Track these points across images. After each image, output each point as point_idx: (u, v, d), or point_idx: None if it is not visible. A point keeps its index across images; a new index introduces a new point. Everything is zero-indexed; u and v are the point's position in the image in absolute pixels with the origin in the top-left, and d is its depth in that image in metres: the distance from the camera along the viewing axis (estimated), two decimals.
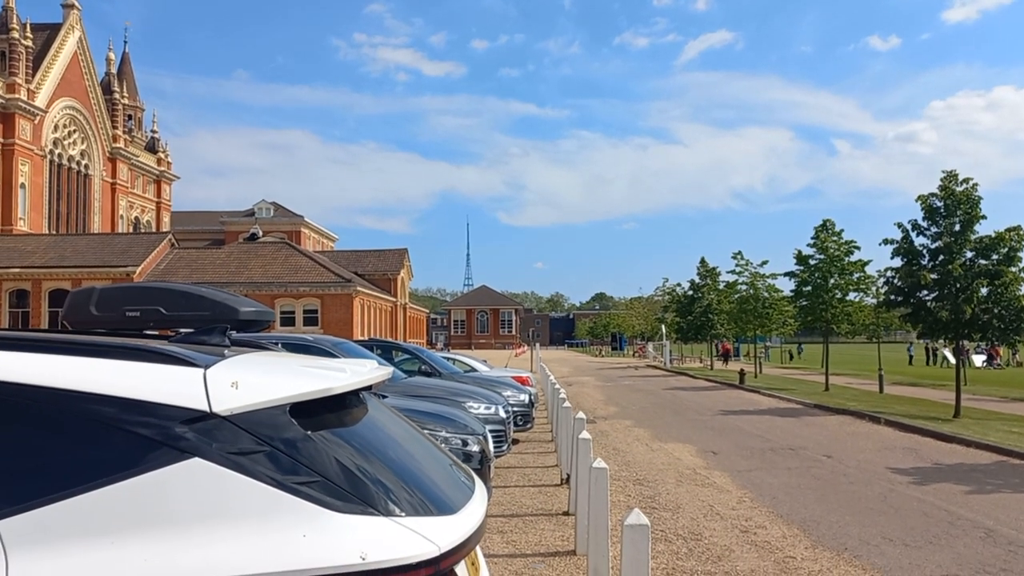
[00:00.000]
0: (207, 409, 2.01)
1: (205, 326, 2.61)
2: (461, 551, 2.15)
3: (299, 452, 2.03)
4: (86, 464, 1.95)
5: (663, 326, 60.06)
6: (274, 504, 1.95)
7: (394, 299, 67.69)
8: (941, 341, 27.37)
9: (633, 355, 79.49)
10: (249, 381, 2.11)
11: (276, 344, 3.33)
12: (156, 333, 2.83)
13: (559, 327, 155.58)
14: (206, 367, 2.11)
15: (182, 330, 2.73)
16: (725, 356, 50.53)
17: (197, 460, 1.95)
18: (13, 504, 1.89)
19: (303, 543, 1.91)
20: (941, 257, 17.69)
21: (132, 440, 1.97)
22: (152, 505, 1.92)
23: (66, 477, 1.92)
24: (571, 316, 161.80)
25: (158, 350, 2.17)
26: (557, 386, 15.25)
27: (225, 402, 2.03)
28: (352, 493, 2.02)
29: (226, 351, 2.37)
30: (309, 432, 2.09)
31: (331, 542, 1.93)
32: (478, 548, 2.52)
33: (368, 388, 2.60)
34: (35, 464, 1.96)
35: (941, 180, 17.99)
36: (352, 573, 1.91)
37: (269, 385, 2.12)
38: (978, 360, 44.64)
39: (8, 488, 1.92)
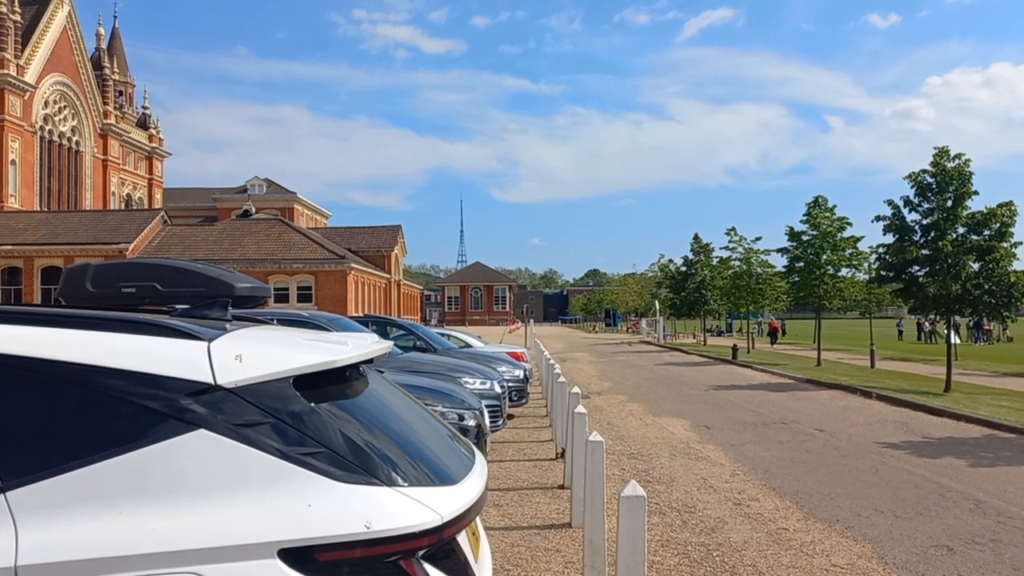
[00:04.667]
0: (211, 381, 2.04)
1: (201, 302, 2.62)
2: (463, 520, 2.19)
3: (303, 424, 2.06)
4: (94, 436, 1.97)
5: (657, 302, 60.18)
6: (279, 474, 1.98)
7: (388, 275, 67.60)
8: (931, 317, 27.53)
9: (627, 331, 79.73)
10: (253, 354, 2.13)
11: (272, 320, 3.35)
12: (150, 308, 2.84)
13: (553, 303, 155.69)
14: (210, 340, 2.14)
15: (178, 306, 2.74)
16: (773, 334, 46.28)
17: (203, 432, 1.98)
18: (22, 475, 1.92)
19: (308, 512, 1.95)
20: (932, 233, 17.74)
21: (138, 412, 2.00)
22: (159, 476, 1.95)
23: (74, 449, 1.95)
24: (565, 292, 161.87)
25: (162, 323, 2.19)
26: (552, 361, 15.32)
27: (229, 374, 2.06)
28: (356, 464, 2.05)
29: (228, 325, 2.39)
30: (313, 404, 2.12)
31: (336, 511, 1.96)
32: (478, 519, 2.56)
33: (369, 361, 2.63)
34: (43, 436, 1.99)
35: (933, 156, 17.98)
36: (357, 542, 1.95)
37: (273, 358, 2.15)
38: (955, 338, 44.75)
39: (17, 459, 1.94)
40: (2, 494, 1.90)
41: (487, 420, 8.28)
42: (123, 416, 2.00)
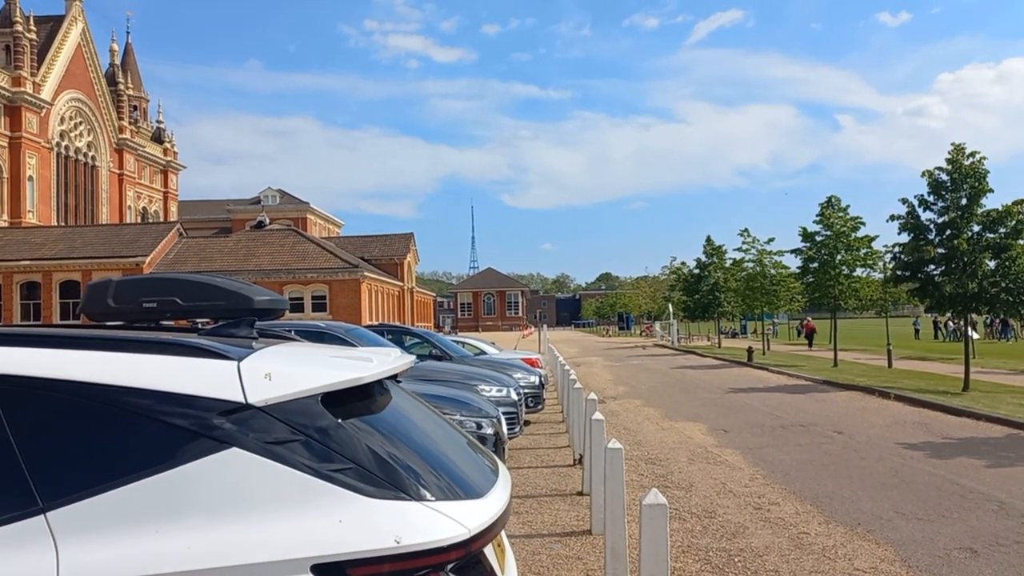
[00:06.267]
0: (243, 400, 2.08)
1: (220, 316, 2.66)
2: (489, 534, 2.21)
3: (332, 440, 2.10)
4: (129, 456, 2.02)
5: (670, 305, 60.05)
6: (310, 491, 2.02)
7: (401, 283, 67.79)
8: (952, 317, 27.36)
9: (640, 334, 79.54)
10: (282, 372, 2.17)
11: (289, 331, 3.41)
12: (173, 324, 2.88)
13: (566, 308, 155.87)
14: (239, 359, 2.18)
15: (199, 320, 2.78)
16: (810, 336, 44.46)
17: (235, 450, 2.02)
18: (62, 496, 1.97)
19: (339, 528, 1.98)
20: (948, 231, 17.66)
21: (173, 432, 2.04)
22: (194, 494, 1.99)
23: (111, 469, 2.00)
24: (577, 297, 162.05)
25: (193, 343, 2.24)
26: (567, 367, 15.32)
27: (260, 393, 2.10)
28: (384, 479, 2.08)
29: (254, 343, 2.43)
30: (340, 420, 2.16)
31: (366, 527, 2.00)
32: (503, 531, 2.59)
33: (393, 376, 2.67)
34: (82, 457, 2.04)
35: (949, 153, 17.89)
36: (387, 556, 1.98)
37: (301, 376, 2.19)
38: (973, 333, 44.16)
39: (57, 481, 1.99)
40: (42, 515, 1.95)
41: (504, 427, 8.30)
42: (157, 436, 2.04)
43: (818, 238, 26.58)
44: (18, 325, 3.35)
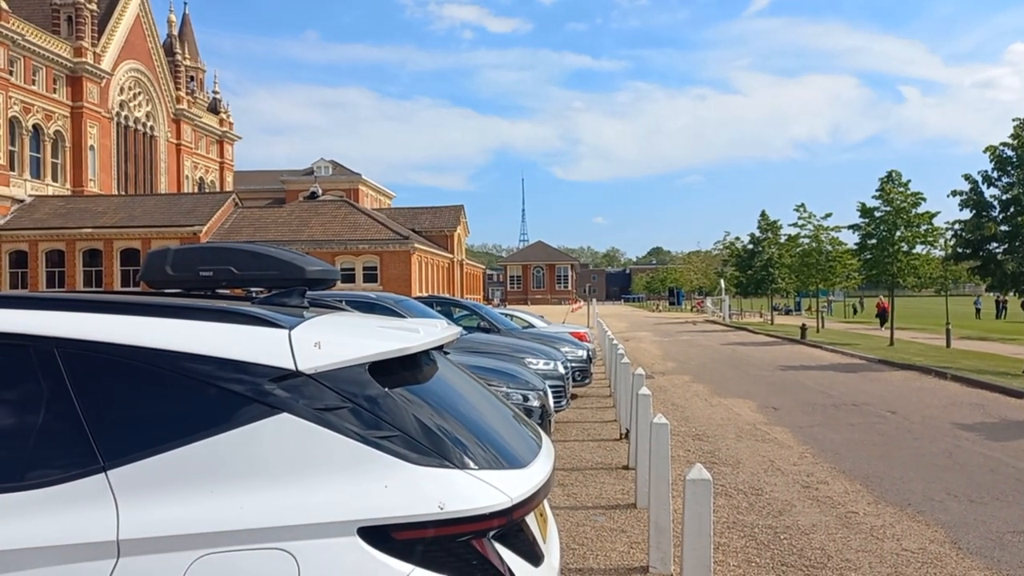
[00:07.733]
0: (293, 367, 2.14)
1: (274, 285, 2.74)
2: (531, 503, 2.25)
3: (379, 408, 2.15)
4: (186, 419, 2.10)
5: (722, 280, 59.35)
6: (357, 457, 2.07)
7: (451, 255, 68.14)
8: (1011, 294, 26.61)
9: (691, 310, 78.84)
10: (331, 341, 2.23)
11: (341, 302, 3.46)
12: (228, 292, 2.96)
13: (615, 282, 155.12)
14: (290, 328, 2.24)
15: (253, 289, 2.85)
16: (883, 315, 40.09)
17: (286, 415, 2.09)
18: (122, 455, 2.05)
19: (385, 493, 2.04)
20: (1012, 208, 17.10)
21: (227, 396, 2.11)
22: (246, 456, 2.06)
23: (169, 431, 2.08)
24: (627, 271, 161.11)
25: (246, 312, 2.31)
26: (615, 342, 15.29)
27: (310, 361, 2.16)
28: (429, 447, 2.13)
29: (305, 312, 2.49)
30: (387, 389, 2.21)
31: (411, 493, 2.05)
32: (545, 501, 2.63)
33: (440, 347, 2.71)
34: (141, 419, 2.12)
35: (1014, 128, 17.28)
36: (431, 522, 2.03)
37: (350, 345, 2.24)
38: None
39: (118, 441, 2.08)
40: (103, 473, 2.04)
41: (551, 401, 8.35)
42: (212, 400, 2.12)
43: (877, 214, 25.94)
44: (81, 291, 3.47)
